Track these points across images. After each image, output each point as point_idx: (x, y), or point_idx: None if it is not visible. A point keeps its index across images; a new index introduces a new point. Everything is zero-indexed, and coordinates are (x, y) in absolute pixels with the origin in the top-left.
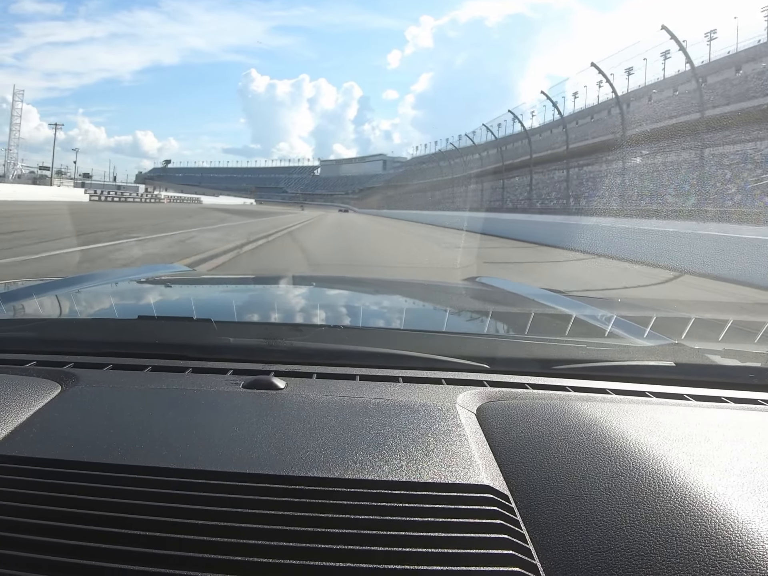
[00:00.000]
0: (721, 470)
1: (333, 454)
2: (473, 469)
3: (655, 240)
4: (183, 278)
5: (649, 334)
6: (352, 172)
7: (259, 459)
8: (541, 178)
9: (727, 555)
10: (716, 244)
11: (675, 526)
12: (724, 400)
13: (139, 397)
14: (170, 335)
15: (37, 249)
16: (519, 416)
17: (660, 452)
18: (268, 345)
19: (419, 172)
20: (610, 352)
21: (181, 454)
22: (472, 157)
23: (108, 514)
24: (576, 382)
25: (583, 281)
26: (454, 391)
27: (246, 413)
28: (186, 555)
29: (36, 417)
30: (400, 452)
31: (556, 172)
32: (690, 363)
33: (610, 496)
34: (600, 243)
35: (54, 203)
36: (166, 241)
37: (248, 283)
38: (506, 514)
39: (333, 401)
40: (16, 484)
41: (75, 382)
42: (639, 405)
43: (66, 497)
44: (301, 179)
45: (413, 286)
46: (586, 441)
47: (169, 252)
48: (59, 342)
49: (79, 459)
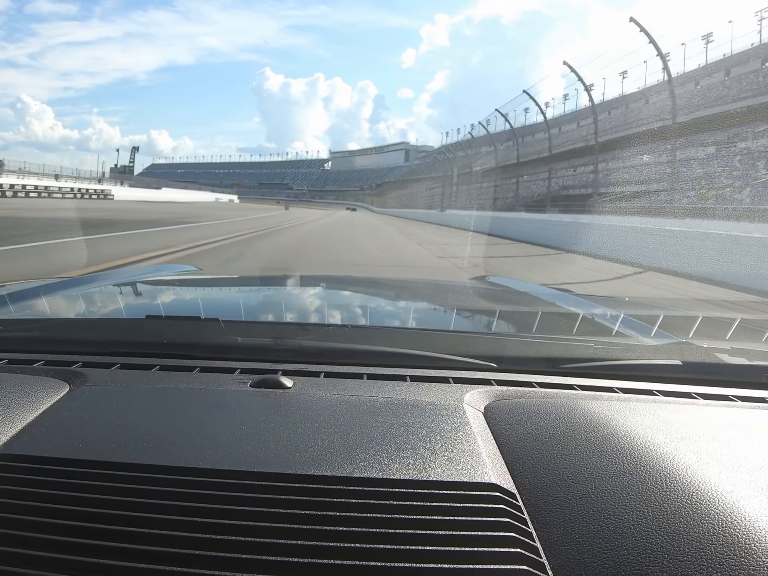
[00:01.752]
0: (728, 468)
1: (341, 453)
2: (481, 468)
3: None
4: (190, 278)
5: (656, 333)
6: (369, 164)
7: (266, 458)
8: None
9: (735, 553)
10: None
11: (682, 524)
12: (731, 398)
13: (147, 397)
14: (178, 335)
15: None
16: (526, 415)
17: (667, 450)
18: (276, 344)
19: (450, 162)
20: (617, 351)
21: (189, 452)
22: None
23: (116, 513)
24: (583, 380)
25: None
26: (461, 389)
27: (254, 412)
28: (194, 553)
29: (44, 416)
30: (408, 451)
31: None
32: (697, 362)
33: (617, 495)
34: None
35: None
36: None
37: (255, 283)
38: (514, 512)
39: (340, 400)
40: (25, 483)
41: (83, 381)
42: (646, 404)
43: (74, 496)
44: (308, 174)
45: (420, 285)
46: (593, 439)
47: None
48: (67, 342)
49: (88, 458)
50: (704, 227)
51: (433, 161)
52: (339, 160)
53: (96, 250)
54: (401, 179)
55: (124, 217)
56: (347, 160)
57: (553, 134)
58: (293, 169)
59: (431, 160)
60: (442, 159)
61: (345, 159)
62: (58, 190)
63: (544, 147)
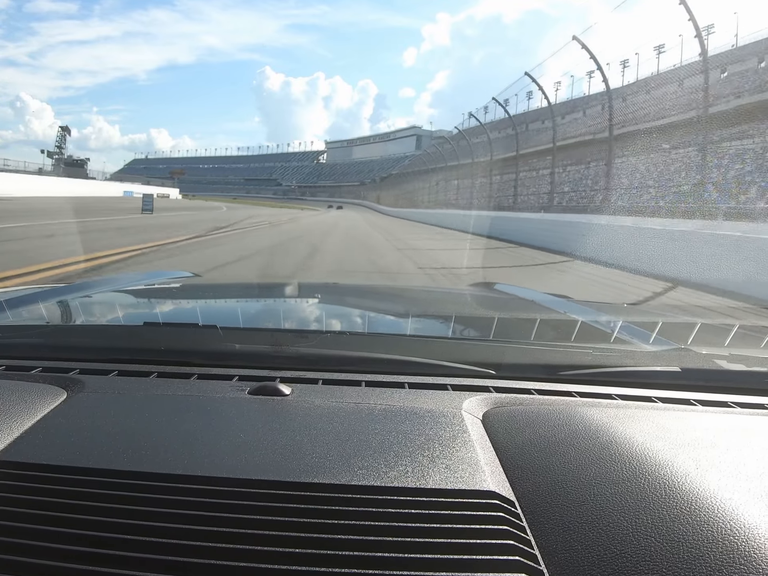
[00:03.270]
0: (727, 475)
1: (339, 461)
2: (479, 475)
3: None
4: (188, 284)
5: (655, 340)
6: (372, 155)
7: (264, 465)
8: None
9: (734, 560)
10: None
11: (681, 531)
12: (730, 405)
13: (144, 404)
14: (176, 341)
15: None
16: (525, 422)
17: (666, 457)
18: (274, 351)
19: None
20: (616, 358)
21: (187, 460)
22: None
23: (113, 521)
24: (582, 387)
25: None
26: (459, 396)
27: (251, 419)
28: (191, 561)
29: (41, 423)
30: (406, 458)
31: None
32: (696, 368)
33: (616, 502)
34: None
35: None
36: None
37: (254, 290)
38: (512, 519)
39: (339, 407)
40: (22, 490)
41: (80, 388)
42: (645, 410)
43: (71, 503)
44: (300, 168)
45: (418, 293)
46: (592, 446)
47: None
48: (65, 348)
49: (85, 465)
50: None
51: (451, 149)
52: (336, 151)
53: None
54: (410, 171)
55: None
56: (346, 151)
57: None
58: (284, 163)
59: (450, 149)
60: (468, 145)
61: (343, 150)
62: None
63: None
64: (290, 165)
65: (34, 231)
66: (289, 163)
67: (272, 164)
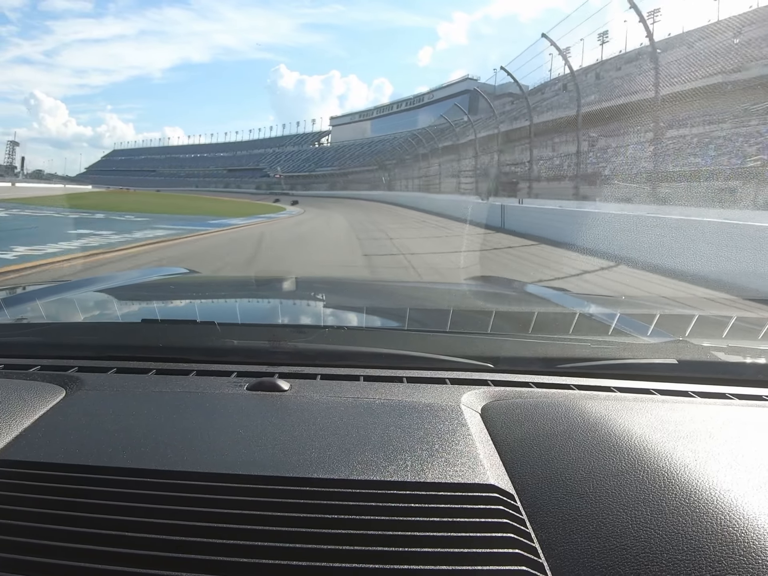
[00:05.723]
0: (726, 467)
1: (338, 455)
2: (478, 469)
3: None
4: (186, 281)
5: (652, 332)
6: (397, 127)
7: (263, 461)
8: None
9: (733, 551)
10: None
11: (680, 523)
12: (728, 396)
13: (143, 401)
14: (174, 338)
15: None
16: (523, 415)
17: (665, 449)
18: (272, 347)
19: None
20: (614, 350)
21: (186, 456)
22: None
23: (113, 518)
24: (580, 380)
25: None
26: (458, 390)
27: (250, 415)
28: (191, 557)
29: (41, 421)
30: (405, 452)
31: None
32: (694, 360)
33: (615, 494)
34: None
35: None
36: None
37: (251, 285)
38: (512, 513)
39: (337, 402)
40: (22, 488)
41: (79, 386)
42: (643, 402)
43: (71, 501)
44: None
45: (416, 287)
46: (590, 439)
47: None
48: (63, 346)
49: (85, 463)
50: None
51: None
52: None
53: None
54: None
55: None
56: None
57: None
58: (276, 148)
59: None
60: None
61: (353, 126)
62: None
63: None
64: (283, 151)
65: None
66: (283, 148)
67: (261, 151)
